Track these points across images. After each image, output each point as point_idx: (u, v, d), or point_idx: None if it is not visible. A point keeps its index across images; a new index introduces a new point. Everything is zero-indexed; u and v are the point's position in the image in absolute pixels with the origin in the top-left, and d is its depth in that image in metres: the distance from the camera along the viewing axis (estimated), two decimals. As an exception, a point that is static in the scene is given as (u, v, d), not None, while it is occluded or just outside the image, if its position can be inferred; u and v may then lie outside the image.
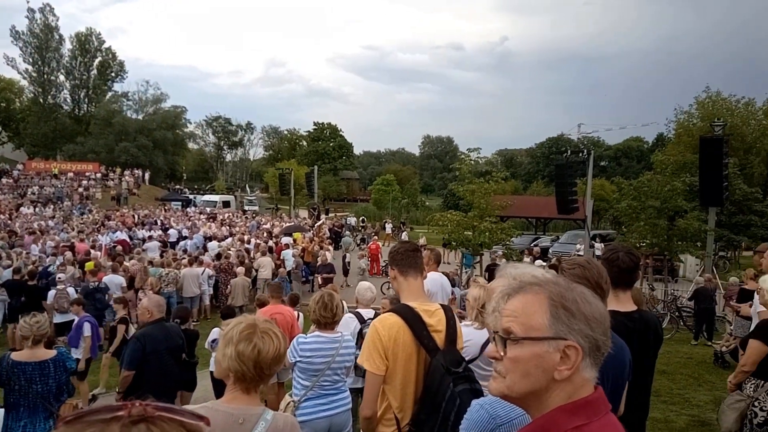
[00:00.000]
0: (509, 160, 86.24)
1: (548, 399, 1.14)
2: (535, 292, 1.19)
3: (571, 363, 1.12)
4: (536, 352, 1.13)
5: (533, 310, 1.17)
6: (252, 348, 1.99)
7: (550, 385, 1.13)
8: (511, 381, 1.16)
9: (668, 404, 7.19)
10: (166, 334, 5.31)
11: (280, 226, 26.98)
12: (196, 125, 78.43)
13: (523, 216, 37.37)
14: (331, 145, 72.50)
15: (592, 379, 1.16)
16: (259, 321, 2.10)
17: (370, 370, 2.72)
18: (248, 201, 49.50)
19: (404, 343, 2.71)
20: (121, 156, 54.70)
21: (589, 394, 1.14)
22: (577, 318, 1.14)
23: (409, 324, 2.73)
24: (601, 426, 1.11)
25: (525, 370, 1.14)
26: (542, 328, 1.14)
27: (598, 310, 1.17)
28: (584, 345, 1.13)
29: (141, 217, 30.35)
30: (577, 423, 1.10)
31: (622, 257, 2.88)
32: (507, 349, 1.17)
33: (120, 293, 11.58)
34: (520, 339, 1.16)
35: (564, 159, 19.27)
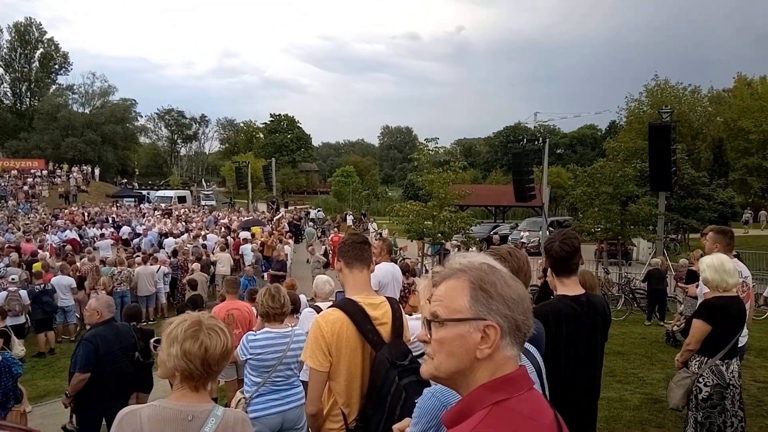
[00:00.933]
0: (468, 150, 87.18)
1: (473, 378, 1.21)
2: (458, 277, 1.26)
3: (491, 342, 1.18)
4: (459, 333, 1.20)
5: (456, 293, 1.24)
6: (199, 346, 1.95)
7: (474, 364, 1.20)
8: (438, 362, 1.23)
9: (623, 384, 7.39)
10: (117, 334, 5.12)
11: (238, 221, 26.55)
12: (147, 119, 76.50)
13: (482, 205, 37.89)
14: (288, 137, 71.68)
15: (514, 357, 1.22)
16: (204, 318, 2.05)
17: (314, 367, 2.66)
18: (205, 196, 48.57)
19: (348, 338, 2.67)
20: (68, 152, 52.83)
21: (510, 372, 1.20)
22: (495, 299, 1.20)
23: (353, 318, 2.68)
24: (521, 400, 1.17)
25: (449, 351, 1.21)
26: (463, 310, 1.21)
27: (517, 291, 1.24)
28: (503, 324, 1.19)
29: (92, 214, 29.32)
30: (498, 398, 1.16)
31: (555, 247, 2.94)
32: (433, 332, 1.24)
33: (70, 294, 11.20)
34: (444, 321, 1.23)
35: (520, 147, 19.57)
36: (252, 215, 30.70)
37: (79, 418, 4.97)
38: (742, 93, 39.51)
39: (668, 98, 35.33)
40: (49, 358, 10.21)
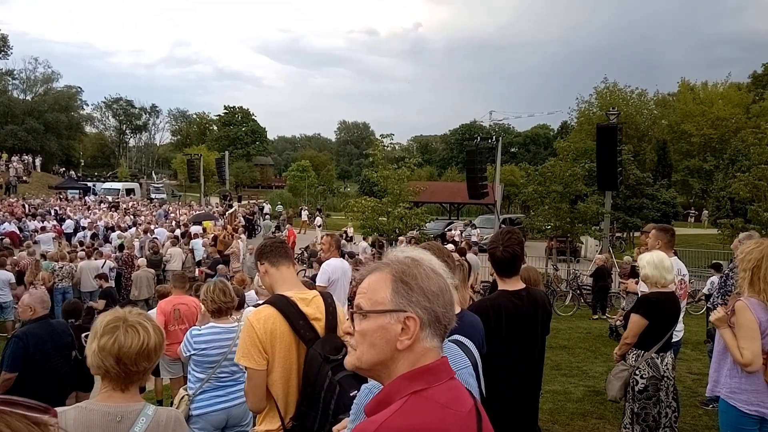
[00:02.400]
0: (424, 147, 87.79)
1: (394, 369, 1.24)
2: (382, 270, 1.29)
3: (411, 333, 1.22)
4: (380, 324, 1.24)
5: (378, 286, 1.27)
6: (112, 342, 1.88)
7: (395, 355, 1.23)
8: (360, 352, 1.27)
9: (568, 377, 7.62)
10: (51, 331, 4.89)
11: (189, 215, 25.92)
12: (93, 107, 73.60)
13: (437, 201, 38.26)
14: (243, 130, 70.35)
15: (435, 349, 1.26)
16: (130, 314, 1.97)
17: (251, 367, 2.61)
18: (155, 188, 47.16)
19: (281, 335, 2.63)
20: (8, 140, 50.40)
21: (430, 362, 1.23)
22: (415, 291, 1.24)
23: (284, 314, 2.65)
24: (439, 390, 1.20)
25: (371, 342, 1.25)
26: (385, 302, 1.24)
27: (438, 285, 1.27)
28: (423, 316, 1.22)
29: (33, 206, 28.05)
30: (417, 388, 1.19)
31: (498, 253, 3.03)
32: (356, 323, 1.28)
33: (8, 290, 10.67)
34: (366, 312, 1.26)
35: (474, 145, 19.86)
36: (204, 209, 30.05)
37: (12, 419, 4.74)
38: (686, 97, 41.36)
39: (616, 100, 36.61)
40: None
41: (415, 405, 1.16)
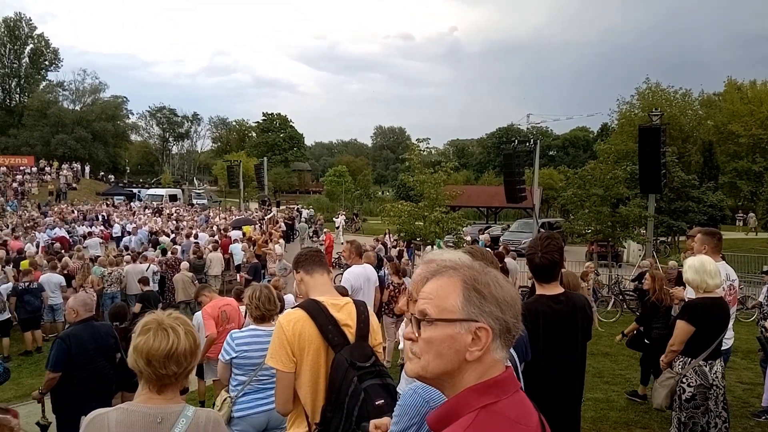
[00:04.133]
0: (461, 151, 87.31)
1: (461, 379, 1.18)
2: (450, 276, 1.23)
3: (482, 344, 1.16)
4: (449, 333, 1.17)
5: (447, 292, 1.20)
6: (143, 343, 1.94)
7: (463, 365, 1.18)
8: (425, 361, 1.20)
9: (610, 384, 7.43)
10: (93, 333, 5.05)
11: (228, 220, 26.45)
12: (138, 116, 75.98)
13: (474, 206, 37.96)
14: (281, 136, 71.43)
15: (503, 360, 1.20)
16: (168, 317, 2.02)
17: (278, 368, 2.65)
18: (196, 194, 48.29)
19: (310, 338, 2.65)
20: (59, 149, 52.49)
21: (498, 374, 1.18)
22: (488, 301, 1.18)
23: (313, 318, 2.68)
24: (508, 404, 1.15)
25: (438, 351, 1.18)
26: (455, 310, 1.18)
27: (510, 293, 1.21)
28: (495, 327, 1.17)
29: (81, 212, 29.13)
30: (486, 402, 1.14)
31: (536, 259, 2.98)
32: (421, 331, 1.21)
33: (59, 293, 11.09)
34: (434, 320, 1.19)
35: (512, 149, 19.63)
36: (243, 214, 30.60)
37: (59, 419, 4.93)
38: (732, 97, 39.82)
39: (659, 101, 35.55)
40: (36, 356, 10.12)
41: (486, 421, 1.12)
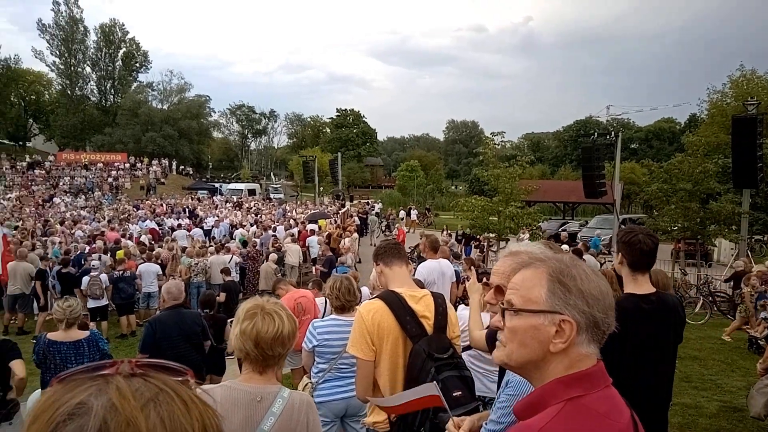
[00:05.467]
0: (536, 144, 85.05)
1: (547, 370, 1.19)
2: (536, 267, 1.25)
3: (566, 337, 1.16)
4: (532, 324, 1.19)
5: (533, 283, 1.22)
6: (251, 327, 2.05)
7: (547, 356, 1.19)
8: (510, 350, 1.23)
9: (699, 390, 7.05)
10: (179, 320, 5.35)
11: (304, 214, 27.19)
12: (220, 114, 79.17)
13: (550, 201, 36.90)
14: (354, 132, 72.43)
15: (592, 354, 1.19)
16: (267, 302, 2.15)
17: (359, 357, 2.74)
18: (273, 189, 49.91)
19: (388, 328, 2.72)
20: (148, 146, 55.62)
21: (587, 368, 1.18)
22: (573, 294, 1.18)
23: (392, 308, 2.74)
24: (598, 398, 1.14)
25: (522, 341, 1.21)
26: (539, 302, 1.19)
27: (598, 287, 1.20)
28: (580, 320, 1.16)
29: (169, 205, 30.92)
30: (574, 394, 1.14)
31: (642, 239, 2.84)
32: (506, 320, 1.24)
33: (156, 281, 11.85)
34: (518, 310, 1.22)
35: (591, 142, 18.92)
36: (318, 208, 31.35)
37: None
38: (840, 83, 36.33)
39: (755, 89, 32.94)
40: (131, 339, 10.87)
41: (572, 413, 1.11)
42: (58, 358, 4.54)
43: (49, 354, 4.54)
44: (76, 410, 0.61)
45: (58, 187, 40.13)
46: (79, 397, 0.63)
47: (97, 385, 0.65)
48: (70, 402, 0.62)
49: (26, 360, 4.52)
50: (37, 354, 4.57)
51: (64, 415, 0.61)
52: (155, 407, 0.64)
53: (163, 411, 0.65)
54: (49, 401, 0.64)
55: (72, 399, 0.63)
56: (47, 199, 35.80)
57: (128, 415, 0.61)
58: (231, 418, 1.98)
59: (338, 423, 4.10)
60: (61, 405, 0.62)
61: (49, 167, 44.42)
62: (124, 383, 0.66)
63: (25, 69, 63.20)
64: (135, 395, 0.64)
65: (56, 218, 23.72)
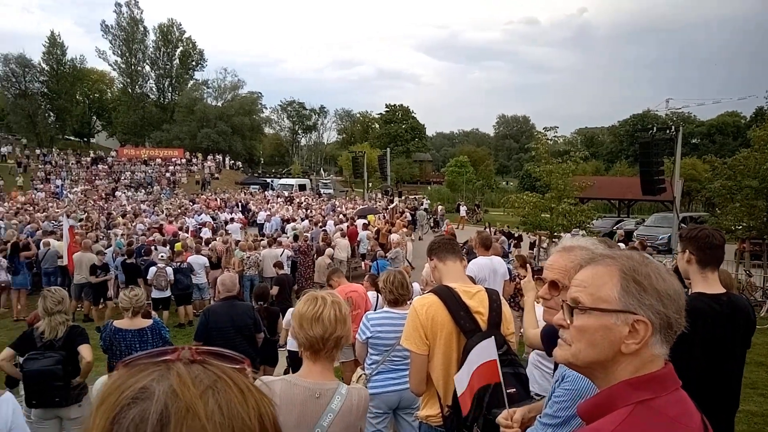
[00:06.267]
0: (590, 140, 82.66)
1: (615, 371, 1.16)
2: (607, 264, 1.20)
3: (640, 338, 1.13)
4: (603, 324, 1.15)
5: (603, 281, 1.18)
6: (297, 310, 2.14)
7: (617, 357, 1.15)
8: (576, 349, 1.19)
9: (766, 397, 6.71)
10: (232, 311, 5.50)
11: (353, 209, 27.41)
12: (271, 110, 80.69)
13: (604, 198, 35.88)
14: (403, 127, 72.33)
15: (663, 356, 1.16)
16: (325, 294, 2.19)
17: (413, 350, 2.76)
18: (323, 184, 50.54)
19: (442, 323, 2.72)
20: (203, 142, 57.28)
21: (657, 370, 1.14)
22: (649, 293, 1.14)
23: (445, 303, 2.74)
24: (668, 401, 1.11)
25: (591, 340, 1.17)
26: (611, 300, 1.15)
27: (673, 287, 1.16)
28: (655, 321, 1.13)
29: (223, 200, 31.83)
30: (643, 397, 1.10)
31: (711, 233, 2.75)
32: (574, 318, 1.19)
33: (203, 272, 12.24)
34: (587, 309, 1.17)
35: (649, 137, 18.24)
36: (367, 204, 31.54)
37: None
38: None
39: (831, 80, 30.95)
40: (188, 329, 11.24)
41: (643, 416, 1.08)
42: (123, 344, 4.76)
43: (115, 341, 4.76)
44: (140, 395, 0.64)
45: (119, 182, 41.93)
46: (142, 382, 0.66)
47: (159, 371, 0.68)
48: (134, 386, 0.65)
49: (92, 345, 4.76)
50: (104, 340, 4.80)
51: (128, 399, 0.64)
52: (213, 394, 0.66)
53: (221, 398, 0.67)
54: (114, 385, 0.67)
55: (136, 383, 0.66)
56: (110, 192, 37.51)
57: (188, 402, 0.64)
58: (289, 413, 2.02)
59: (391, 415, 4.15)
60: (126, 389, 0.65)
61: (112, 162, 46.43)
62: (184, 370, 0.68)
63: (90, 68, 66.41)
64: (194, 382, 0.67)
65: (118, 211, 24.79)
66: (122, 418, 0.62)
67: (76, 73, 62.52)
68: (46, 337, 4.32)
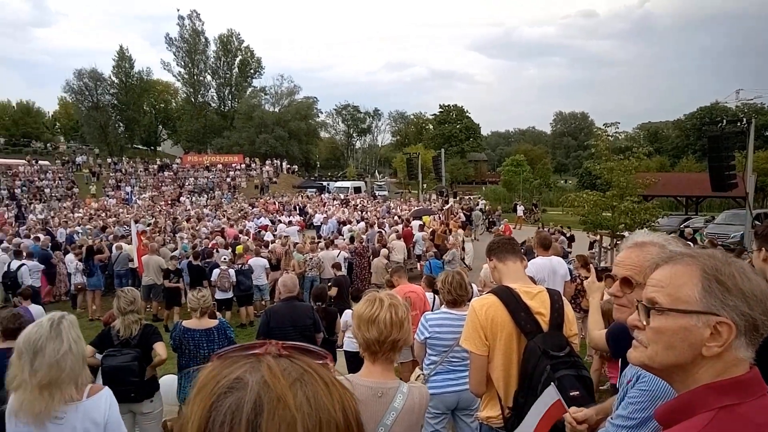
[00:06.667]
0: (653, 135, 79.41)
1: (694, 374, 1.11)
2: (686, 263, 1.15)
3: (722, 340, 1.07)
4: (683, 325, 1.10)
5: (683, 281, 1.12)
6: (356, 310, 2.18)
7: (697, 360, 1.10)
8: (653, 351, 1.15)
9: None
10: (292, 312, 5.63)
11: (407, 210, 27.44)
12: (326, 114, 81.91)
13: (670, 195, 34.35)
14: (457, 127, 71.81)
15: (748, 359, 1.10)
16: (384, 295, 2.21)
17: (472, 351, 2.74)
18: (378, 186, 50.80)
19: (502, 323, 2.69)
20: (262, 147, 58.85)
21: (741, 374, 1.08)
22: (733, 294, 1.08)
23: (506, 304, 2.70)
24: (754, 407, 1.05)
25: (669, 342, 1.12)
26: (691, 301, 1.10)
27: (760, 287, 1.10)
28: (739, 323, 1.07)
29: (281, 203, 32.61)
30: (727, 402, 1.05)
31: None
32: (650, 319, 1.15)
33: (264, 274, 12.57)
34: (665, 310, 1.13)
35: (719, 130, 17.34)
36: (422, 205, 31.49)
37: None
38: None
39: None
40: (249, 329, 11.58)
41: (725, 423, 1.04)
42: (192, 344, 4.97)
43: (184, 340, 4.98)
44: (234, 384, 0.69)
45: (184, 187, 43.69)
46: (236, 373, 0.70)
47: (251, 363, 0.72)
48: (229, 377, 0.70)
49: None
50: (173, 339, 5.03)
51: (224, 388, 0.69)
52: (301, 386, 0.70)
53: (308, 390, 0.70)
54: (210, 375, 0.72)
55: (230, 374, 0.71)
56: (175, 198, 39.14)
57: (279, 392, 0.68)
58: None
59: (449, 416, 4.14)
60: (222, 379, 0.70)
61: (176, 169, 48.40)
62: (274, 362, 0.72)
63: (155, 80, 69.74)
64: (284, 374, 0.70)
65: (183, 216, 25.85)
66: (219, 405, 0.67)
67: (143, 85, 65.75)
68: (122, 335, 4.58)
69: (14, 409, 2.31)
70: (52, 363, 2.28)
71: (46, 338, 2.32)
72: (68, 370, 2.31)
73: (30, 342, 2.32)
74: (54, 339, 2.32)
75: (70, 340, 2.36)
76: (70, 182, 41.95)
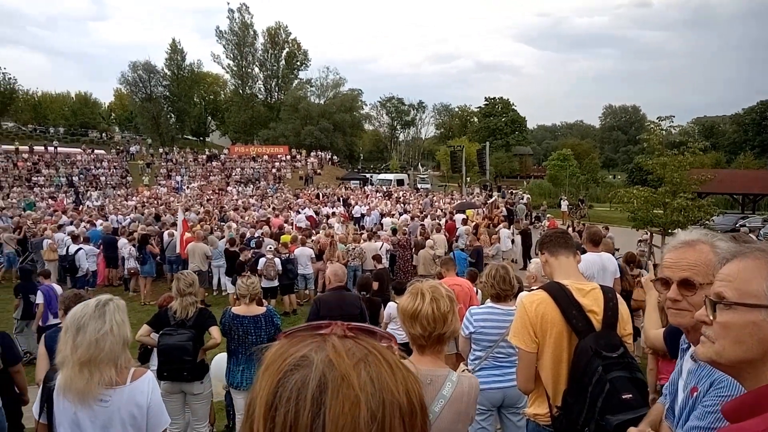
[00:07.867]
0: (709, 129, 76.21)
1: (765, 371, 1.09)
2: (756, 257, 1.13)
3: None
4: (751, 320, 1.08)
5: (752, 275, 1.11)
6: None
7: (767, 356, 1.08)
8: (720, 347, 1.13)
9: None
10: (341, 301, 5.71)
11: (450, 203, 27.28)
12: (371, 107, 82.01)
13: (726, 192, 33.00)
14: (503, 120, 70.76)
15: None
16: (426, 288, 2.21)
17: (521, 347, 2.69)
18: (421, 179, 50.71)
19: (552, 321, 2.62)
20: (307, 139, 59.46)
21: None
22: None
23: (557, 301, 2.63)
24: None
25: (737, 337, 1.10)
26: (760, 295, 1.08)
27: None
28: None
29: (325, 195, 32.97)
30: None
31: None
32: (717, 314, 1.13)
33: (310, 264, 12.77)
34: (732, 304, 1.11)
35: (782, 125, 16.51)
36: (465, 198, 31.26)
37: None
38: None
39: None
40: (293, 317, 11.81)
41: None
42: (241, 330, 5.12)
43: (233, 325, 5.13)
44: (301, 362, 0.72)
45: (231, 177, 44.70)
46: (302, 351, 0.74)
47: (316, 342, 0.75)
48: (296, 355, 0.73)
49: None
50: (223, 325, 5.19)
51: (291, 366, 0.72)
52: (365, 366, 0.72)
53: (372, 371, 0.72)
54: (278, 353, 0.75)
55: (297, 352, 0.74)
56: (223, 187, 40.12)
57: (343, 371, 0.70)
58: None
59: (495, 413, 4.09)
60: (288, 356, 0.73)
61: (224, 159, 49.50)
62: (338, 343, 0.75)
63: (206, 72, 71.45)
64: (348, 354, 0.73)
65: (230, 205, 26.48)
66: (286, 381, 0.71)
67: (194, 77, 67.46)
68: (179, 316, 4.76)
69: (61, 387, 2.42)
70: (92, 341, 2.36)
71: (89, 317, 2.42)
72: (107, 351, 2.39)
73: (75, 319, 2.43)
74: (97, 318, 2.42)
75: (113, 322, 2.44)
76: (124, 171, 43.54)
